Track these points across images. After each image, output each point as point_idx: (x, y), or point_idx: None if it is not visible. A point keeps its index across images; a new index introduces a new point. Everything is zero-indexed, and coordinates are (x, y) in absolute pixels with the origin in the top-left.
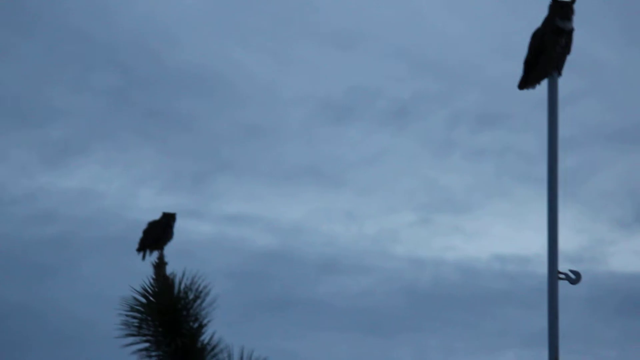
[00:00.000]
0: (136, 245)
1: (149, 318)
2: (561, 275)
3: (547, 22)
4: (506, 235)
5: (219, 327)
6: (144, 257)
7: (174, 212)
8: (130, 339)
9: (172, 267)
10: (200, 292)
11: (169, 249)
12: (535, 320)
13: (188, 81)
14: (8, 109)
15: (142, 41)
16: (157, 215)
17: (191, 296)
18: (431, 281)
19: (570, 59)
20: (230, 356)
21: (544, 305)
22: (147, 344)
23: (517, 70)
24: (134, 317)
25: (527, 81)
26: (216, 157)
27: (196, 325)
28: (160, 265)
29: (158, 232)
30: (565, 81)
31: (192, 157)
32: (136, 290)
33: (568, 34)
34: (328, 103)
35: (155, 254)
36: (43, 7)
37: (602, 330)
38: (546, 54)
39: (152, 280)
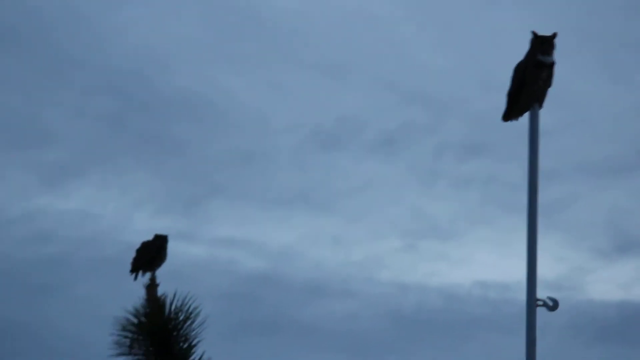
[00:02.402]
0: (129, 267)
1: (141, 338)
2: (539, 302)
3: (529, 56)
4: (489, 263)
5: (208, 347)
6: (136, 278)
7: (166, 234)
8: (122, 358)
9: (164, 288)
10: (191, 313)
11: (161, 271)
12: (515, 345)
13: (182, 107)
14: (7, 132)
15: (138, 68)
16: (150, 237)
17: (182, 317)
18: (415, 306)
19: (552, 92)
20: None
21: (524, 330)
22: None
23: (500, 102)
24: (126, 337)
25: (511, 113)
26: (209, 182)
27: (186, 345)
28: (152, 287)
29: (150, 254)
30: (548, 113)
31: (185, 181)
32: (128, 311)
33: (549, 67)
34: (318, 131)
35: (148, 275)
36: (41, 35)
37: (581, 357)
38: (528, 87)
39: (143, 301)
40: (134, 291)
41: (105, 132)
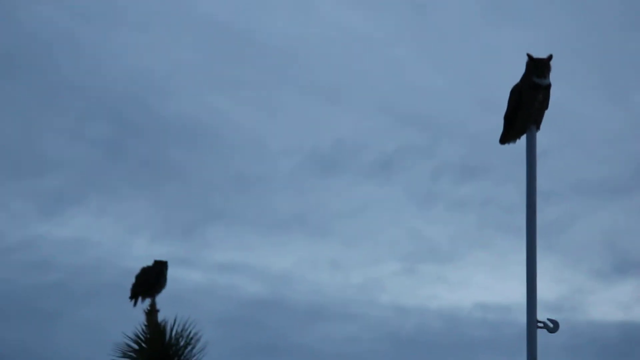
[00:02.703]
0: (129, 293)
1: None
2: (540, 324)
3: (525, 78)
4: (488, 285)
5: None
6: (135, 304)
7: (166, 260)
8: None
9: (164, 314)
10: (191, 338)
11: (161, 297)
12: None
13: (179, 132)
14: (5, 160)
15: (135, 93)
16: (150, 263)
17: (182, 343)
18: (415, 328)
19: (549, 113)
20: None
21: (524, 351)
22: None
23: (497, 123)
24: None
25: (508, 136)
26: (207, 207)
27: None
28: (152, 312)
29: (150, 279)
30: (545, 134)
31: (183, 207)
32: (129, 337)
33: (545, 89)
34: (315, 155)
35: (148, 301)
36: (37, 60)
37: None
38: (524, 110)
39: (144, 327)
40: (134, 317)
41: (102, 158)
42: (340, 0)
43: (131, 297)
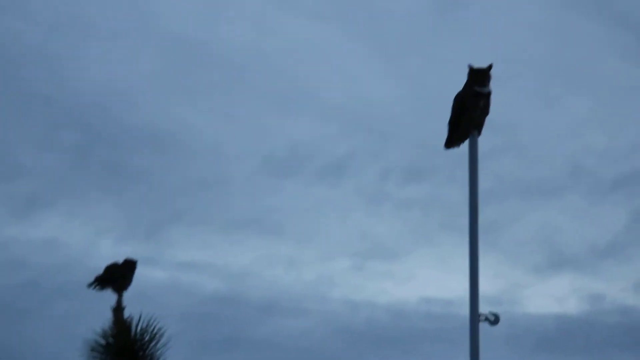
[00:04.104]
0: (93, 280)
1: (109, 358)
2: (481, 317)
3: (467, 86)
4: (432, 280)
5: None
6: (94, 288)
7: (136, 260)
8: None
9: (130, 311)
10: (156, 333)
11: (127, 294)
12: (458, 356)
13: (142, 139)
14: None
15: (101, 103)
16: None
17: (147, 337)
18: (365, 322)
19: (488, 119)
20: None
21: (467, 343)
22: None
23: (440, 129)
24: (95, 357)
25: (452, 141)
26: (169, 209)
27: None
28: (118, 309)
29: (117, 274)
30: (485, 138)
31: (147, 209)
32: (97, 333)
33: (486, 96)
34: (270, 159)
35: (114, 297)
36: (8, 72)
37: None
38: (467, 116)
39: (111, 323)
40: (101, 314)
41: (70, 164)
42: (292, 13)
43: (93, 284)
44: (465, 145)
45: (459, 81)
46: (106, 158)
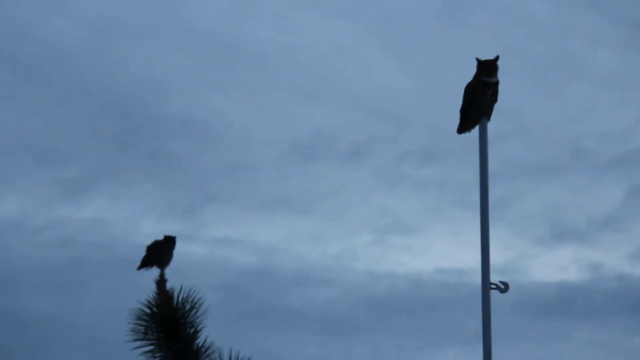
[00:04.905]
0: (140, 263)
1: (153, 325)
2: (492, 286)
3: (476, 77)
4: (446, 252)
5: (211, 332)
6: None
7: (174, 235)
8: (138, 343)
9: (171, 283)
10: (195, 303)
11: (168, 268)
12: (471, 322)
13: (178, 127)
14: (33, 154)
15: (140, 95)
16: (157, 239)
17: (187, 307)
18: (385, 291)
19: (497, 106)
20: (221, 356)
21: (478, 309)
22: (151, 347)
23: (451, 115)
24: (141, 325)
25: (464, 127)
26: (203, 191)
27: (192, 330)
28: (161, 282)
29: (160, 249)
30: (493, 124)
31: (183, 191)
32: (142, 303)
33: (494, 86)
34: (297, 144)
35: (156, 271)
36: (57, 69)
37: (526, 329)
38: (477, 104)
39: (154, 294)
40: (145, 286)
41: (113, 151)
42: (314, 11)
43: (140, 267)
44: (475, 131)
45: (467, 71)
46: (145, 145)
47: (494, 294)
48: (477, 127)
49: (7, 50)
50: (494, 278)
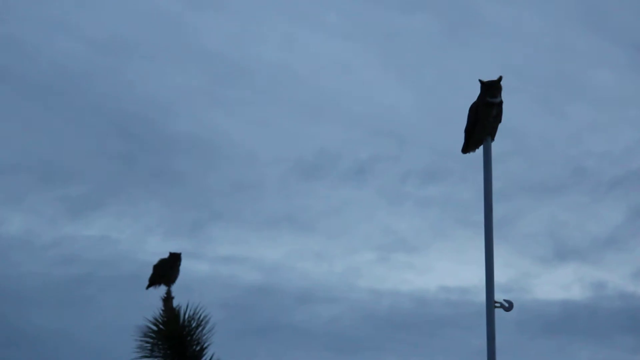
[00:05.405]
0: (147, 282)
1: (159, 342)
2: (497, 304)
3: (480, 98)
4: (450, 270)
5: (217, 349)
6: (150, 288)
7: (180, 252)
8: None
9: (177, 300)
10: (201, 320)
11: (175, 285)
12: (474, 339)
13: (183, 146)
14: (39, 172)
15: (145, 113)
16: (163, 256)
17: (194, 324)
18: (389, 309)
19: (500, 125)
20: None
21: (482, 327)
22: None
23: (454, 135)
24: (147, 342)
25: (468, 146)
26: (209, 208)
27: (198, 348)
28: (168, 299)
29: (166, 267)
30: (495, 143)
31: (188, 209)
32: (149, 320)
33: (498, 105)
34: (300, 163)
35: (163, 288)
36: (64, 88)
37: (529, 347)
38: (481, 124)
39: (161, 311)
40: (150, 303)
41: (119, 169)
42: (319, 32)
43: (149, 286)
44: (478, 150)
45: (469, 91)
46: (151, 163)
47: (498, 312)
48: (481, 147)
49: (15, 70)
50: (497, 296)
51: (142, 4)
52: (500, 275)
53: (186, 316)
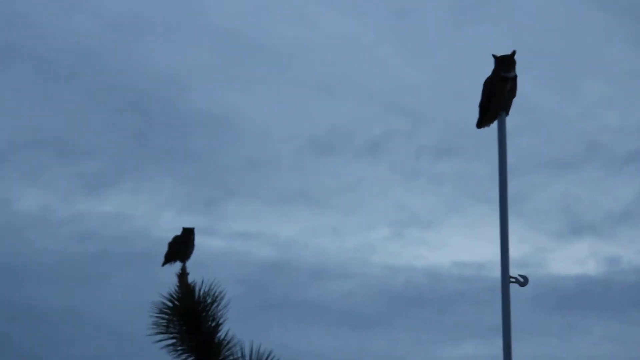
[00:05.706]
0: (162, 260)
1: (175, 319)
2: (512, 279)
3: (494, 72)
4: (464, 246)
5: (232, 325)
6: (166, 265)
7: (193, 227)
8: (159, 337)
9: (192, 277)
10: (216, 296)
11: (189, 261)
12: (489, 315)
13: (197, 123)
14: (54, 148)
15: (159, 90)
16: (178, 232)
17: (209, 300)
18: (403, 285)
19: (515, 100)
20: (242, 349)
21: (497, 302)
22: (173, 340)
23: (467, 110)
24: (162, 318)
25: (483, 121)
26: (223, 185)
27: (214, 324)
28: (183, 275)
29: (180, 243)
30: (509, 119)
31: (203, 185)
32: (164, 296)
33: (512, 80)
34: (314, 140)
35: (178, 265)
36: (78, 65)
37: (544, 322)
38: (496, 99)
39: (176, 288)
40: (165, 279)
41: (133, 146)
42: (331, 9)
43: (165, 263)
44: (491, 125)
45: (482, 67)
46: (165, 140)
47: (513, 287)
48: (495, 122)
49: (29, 47)
50: (513, 272)
51: None
52: (514, 251)
53: (201, 292)
